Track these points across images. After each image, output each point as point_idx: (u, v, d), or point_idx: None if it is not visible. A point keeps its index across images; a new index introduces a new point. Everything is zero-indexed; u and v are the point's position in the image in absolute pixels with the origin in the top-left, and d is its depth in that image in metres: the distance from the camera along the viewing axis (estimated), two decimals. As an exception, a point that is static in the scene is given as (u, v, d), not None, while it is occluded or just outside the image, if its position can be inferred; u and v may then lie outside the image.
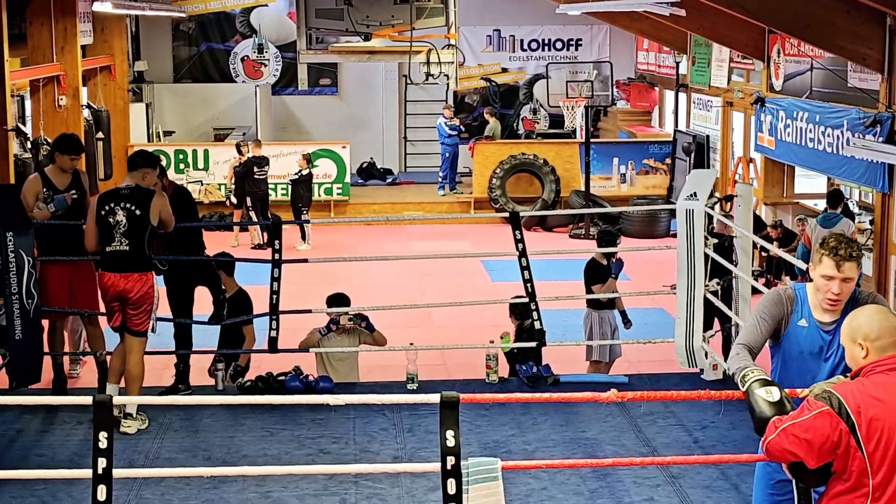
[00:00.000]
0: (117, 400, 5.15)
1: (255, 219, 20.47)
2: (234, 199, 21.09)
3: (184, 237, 9.76)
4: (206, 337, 11.08)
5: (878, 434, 4.29)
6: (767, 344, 5.40)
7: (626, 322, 11.65)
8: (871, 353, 4.45)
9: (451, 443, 4.96)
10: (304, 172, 21.15)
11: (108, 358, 9.27)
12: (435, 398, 5.00)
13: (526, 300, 10.09)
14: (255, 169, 20.71)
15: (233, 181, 21.11)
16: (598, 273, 11.50)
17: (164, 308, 9.90)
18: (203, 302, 10.46)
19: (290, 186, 21.38)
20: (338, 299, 10.46)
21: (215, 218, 22.17)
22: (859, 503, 4.37)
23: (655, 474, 7.76)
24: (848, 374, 4.70)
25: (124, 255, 8.65)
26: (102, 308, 9.12)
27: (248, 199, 20.70)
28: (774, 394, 4.82)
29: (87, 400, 5.17)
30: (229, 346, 10.44)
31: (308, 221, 19.40)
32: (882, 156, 14.33)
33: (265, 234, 20.19)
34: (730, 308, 10.10)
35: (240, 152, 21.09)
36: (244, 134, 25.72)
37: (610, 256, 11.46)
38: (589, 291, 11.50)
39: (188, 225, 9.74)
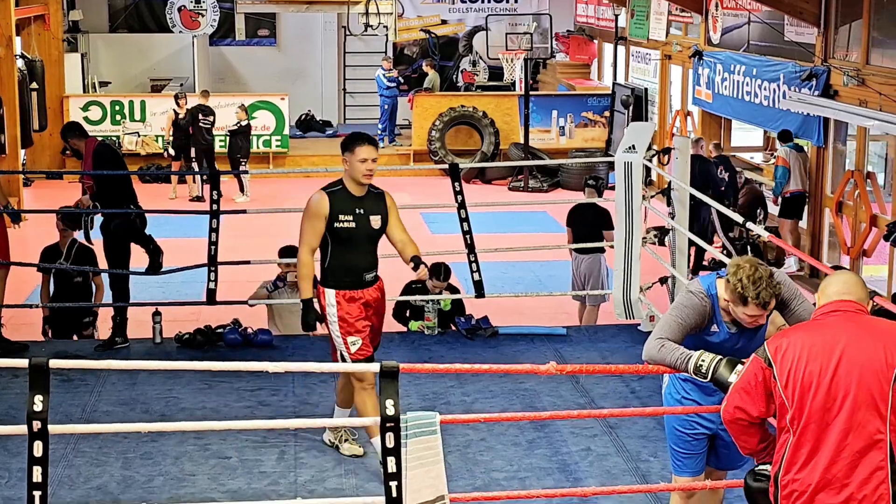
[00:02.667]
0: (55, 364, 5.06)
1: (197, 170, 20.36)
2: (171, 151, 20.90)
3: (114, 191, 9.67)
4: (141, 288, 11.02)
5: (789, 368, 4.50)
6: None
7: None
8: (819, 302, 4.69)
9: (390, 411, 4.98)
10: (243, 123, 21.01)
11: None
12: (375, 367, 5.01)
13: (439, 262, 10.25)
14: (200, 116, 20.62)
15: (171, 133, 20.91)
16: (609, 218, 11.84)
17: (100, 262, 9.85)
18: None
19: (227, 138, 21.24)
20: (289, 253, 10.37)
21: (152, 170, 21.94)
22: (785, 438, 4.54)
23: (593, 424, 7.84)
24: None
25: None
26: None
27: (193, 150, 20.57)
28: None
29: (24, 363, 5.11)
30: (79, 299, 10.46)
31: (246, 172, 19.28)
32: (817, 109, 14.48)
33: (205, 185, 20.05)
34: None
35: (178, 103, 20.89)
36: (181, 85, 25.45)
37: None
38: (597, 237, 11.67)
39: (112, 173, 9.65)
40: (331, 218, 6.91)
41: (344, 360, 7.03)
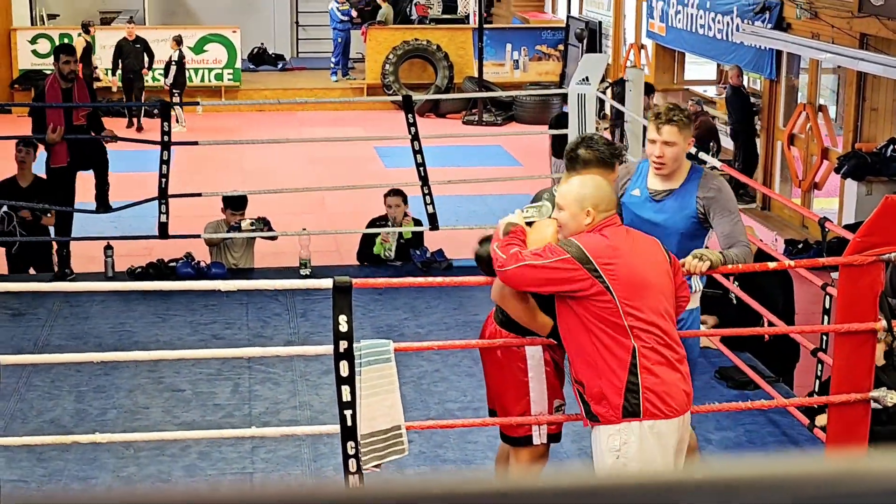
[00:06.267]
0: (3, 287, 5.03)
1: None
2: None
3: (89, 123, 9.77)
4: (92, 223, 10.94)
5: (621, 278, 4.55)
6: None
7: None
8: (594, 220, 4.68)
9: (343, 328, 4.95)
10: (176, 55, 20.80)
11: None
12: (327, 283, 4.98)
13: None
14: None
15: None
16: None
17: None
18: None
19: (165, 70, 20.99)
20: (236, 201, 10.22)
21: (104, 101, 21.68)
22: (626, 344, 4.55)
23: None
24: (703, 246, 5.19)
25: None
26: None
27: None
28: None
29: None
30: (35, 233, 10.37)
31: (198, 103, 19.02)
32: (770, 42, 14.50)
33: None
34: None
35: (87, 31, 20.84)
36: (131, 18, 25.13)
37: None
38: None
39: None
40: None
41: (531, 440, 5.22)
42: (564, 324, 4.70)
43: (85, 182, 10.32)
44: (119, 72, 20.56)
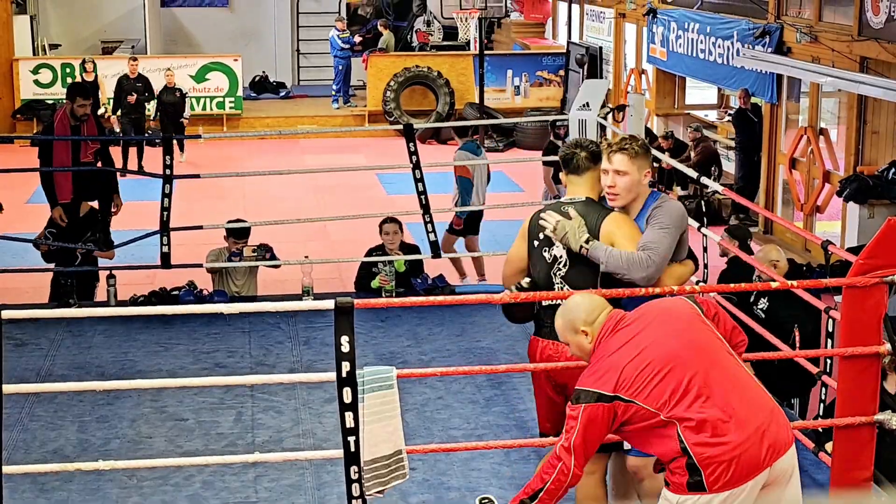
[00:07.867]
0: (7, 314, 5.01)
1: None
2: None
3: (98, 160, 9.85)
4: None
5: (638, 382, 4.39)
6: None
7: None
8: (592, 334, 4.61)
9: (345, 348, 4.95)
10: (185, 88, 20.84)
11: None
12: (329, 304, 4.98)
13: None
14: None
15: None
16: None
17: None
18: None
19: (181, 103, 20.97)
20: (239, 229, 10.17)
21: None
22: (671, 431, 4.39)
23: (549, 381, 7.86)
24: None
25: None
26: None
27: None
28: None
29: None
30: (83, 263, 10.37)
31: (199, 136, 19.08)
32: (771, 66, 14.53)
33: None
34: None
35: (84, 70, 20.76)
36: (133, 47, 25.21)
37: None
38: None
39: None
40: None
41: (621, 445, 5.31)
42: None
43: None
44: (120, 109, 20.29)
